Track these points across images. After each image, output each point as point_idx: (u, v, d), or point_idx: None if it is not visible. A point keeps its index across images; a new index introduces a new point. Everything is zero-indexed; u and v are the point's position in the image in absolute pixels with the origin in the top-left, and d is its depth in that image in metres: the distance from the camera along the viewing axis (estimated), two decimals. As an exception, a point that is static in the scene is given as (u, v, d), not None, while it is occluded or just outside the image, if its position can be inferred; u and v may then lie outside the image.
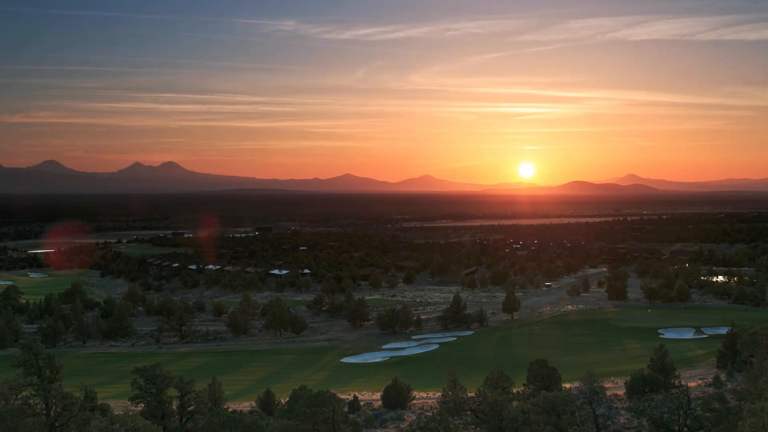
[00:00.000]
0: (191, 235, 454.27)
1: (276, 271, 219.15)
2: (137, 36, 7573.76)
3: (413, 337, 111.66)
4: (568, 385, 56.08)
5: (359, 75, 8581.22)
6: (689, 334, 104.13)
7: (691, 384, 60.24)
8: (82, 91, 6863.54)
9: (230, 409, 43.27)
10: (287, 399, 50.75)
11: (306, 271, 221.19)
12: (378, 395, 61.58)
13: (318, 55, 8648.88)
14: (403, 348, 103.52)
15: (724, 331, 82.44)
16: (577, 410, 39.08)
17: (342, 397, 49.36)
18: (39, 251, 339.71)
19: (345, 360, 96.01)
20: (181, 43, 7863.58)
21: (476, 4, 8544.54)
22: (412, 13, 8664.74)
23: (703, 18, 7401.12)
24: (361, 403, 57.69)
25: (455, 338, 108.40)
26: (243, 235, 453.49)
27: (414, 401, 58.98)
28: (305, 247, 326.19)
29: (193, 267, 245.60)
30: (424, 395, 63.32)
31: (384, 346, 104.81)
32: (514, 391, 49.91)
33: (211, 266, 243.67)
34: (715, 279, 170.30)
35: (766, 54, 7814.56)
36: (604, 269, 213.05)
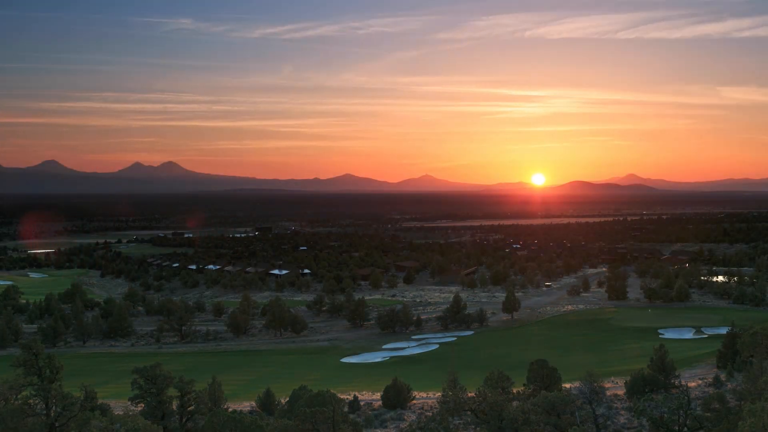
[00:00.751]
0: (191, 235, 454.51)
1: (276, 271, 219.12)
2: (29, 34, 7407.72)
3: (413, 337, 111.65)
4: (568, 385, 56.08)
5: (286, 73, 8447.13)
6: (689, 334, 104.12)
7: (691, 384, 60.23)
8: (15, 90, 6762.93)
9: (230, 409, 43.25)
10: (287, 399, 50.80)
11: (306, 271, 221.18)
12: (378, 395, 61.58)
13: (233, 54, 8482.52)
14: (403, 348, 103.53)
15: (724, 331, 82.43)
16: (577, 410, 39.11)
17: (342, 397, 49.35)
18: (39, 251, 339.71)
19: (345, 360, 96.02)
20: (95, 40, 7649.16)
21: (372, 3, 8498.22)
22: (309, 11, 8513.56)
23: (618, 16, 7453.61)
24: (361, 403, 57.70)
25: (455, 338, 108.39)
26: (243, 235, 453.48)
27: (414, 401, 58.97)
28: (305, 247, 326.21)
29: (193, 267, 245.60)
30: (424, 395, 63.30)
31: (384, 346, 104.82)
32: (514, 391, 49.93)
33: (211, 266, 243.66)
34: (715, 279, 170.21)
35: (698, 52, 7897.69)
36: (604, 269, 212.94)
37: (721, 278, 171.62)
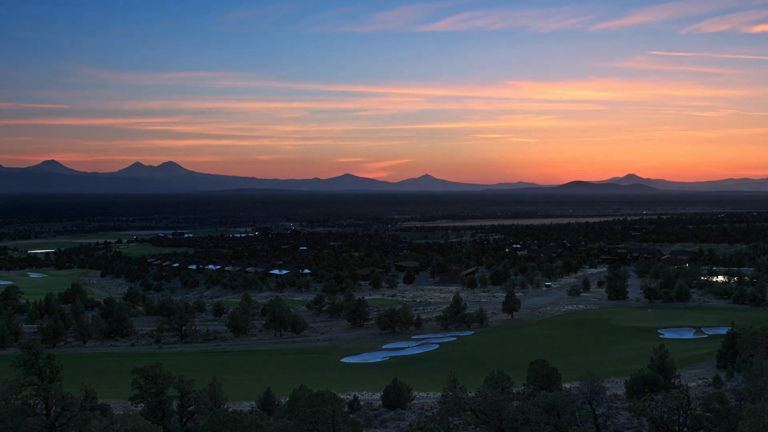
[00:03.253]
0: (191, 236, 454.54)
1: (276, 271, 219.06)
2: None
3: (413, 337, 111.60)
4: (568, 385, 56.05)
5: (67, 71, 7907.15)
6: (689, 334, 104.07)
7: (691, 384, 60.25)
8: None
9: (230, 409, 43.25)
10: (287, 399, 50.75)
11: (306, 271, 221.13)
12: (378, 395, 61.57)
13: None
14: (403, 348, 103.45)
15: (724, 331, 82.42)
16: (577, 410, 39.09)
17: (342, 397, 49.38)
18: (39, 251, 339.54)
19: (345, 360, 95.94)
20: None
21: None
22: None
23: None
24: (361, 403, 57.68)
25: (455, 338, 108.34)
26: (243, 235, 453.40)
27: (414, 401, 58.97)
28: (305, 247, 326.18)
29: (193, 267, 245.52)
30: (424, 395, 63.31)
31: (384, 346, 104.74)
32: (514, 391, 49.92)
33: (211, 266, 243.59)
34: (715, 279, 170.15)
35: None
36: (604, 269, 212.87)
37: (721, 278, 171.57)
